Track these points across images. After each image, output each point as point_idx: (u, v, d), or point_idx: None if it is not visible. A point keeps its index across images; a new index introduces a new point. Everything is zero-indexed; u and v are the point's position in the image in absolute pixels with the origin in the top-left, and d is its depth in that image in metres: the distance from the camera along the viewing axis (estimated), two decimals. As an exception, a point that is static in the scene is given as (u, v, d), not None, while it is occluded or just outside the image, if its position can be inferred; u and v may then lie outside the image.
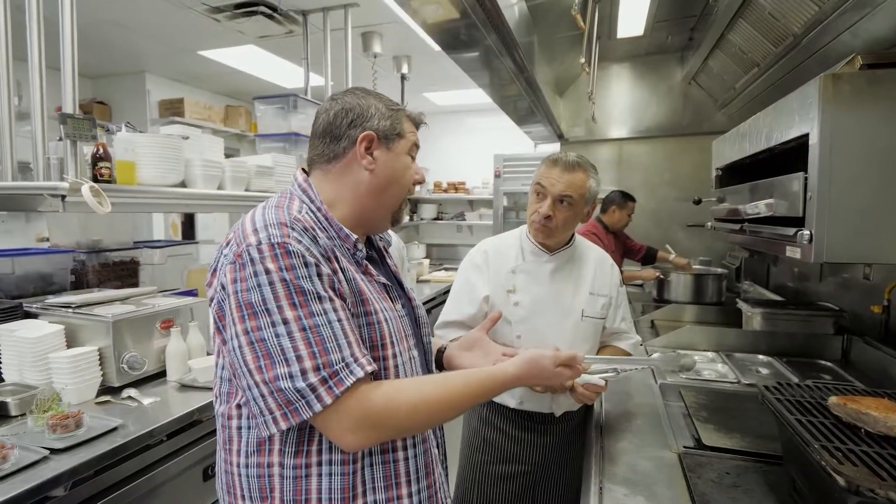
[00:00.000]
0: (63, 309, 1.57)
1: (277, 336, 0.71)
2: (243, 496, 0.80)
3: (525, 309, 1.34)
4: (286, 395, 0.70)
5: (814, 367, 1.79)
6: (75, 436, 1.21)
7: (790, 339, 1.92)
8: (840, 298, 2.07)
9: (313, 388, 0.70)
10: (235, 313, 0.73)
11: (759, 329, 2.03)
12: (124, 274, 2.13)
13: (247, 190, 2.07)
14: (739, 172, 1.83)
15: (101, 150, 1.57)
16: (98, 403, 1.45)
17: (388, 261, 1.01)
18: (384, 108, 0.87)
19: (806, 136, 1.13)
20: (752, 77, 2.38)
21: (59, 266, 1.95)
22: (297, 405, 0.70)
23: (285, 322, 0.71)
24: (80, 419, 1.24)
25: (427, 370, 0.97)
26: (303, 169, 0.91)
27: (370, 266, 0.88)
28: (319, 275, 0.74)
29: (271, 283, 0.72)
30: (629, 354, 1.42)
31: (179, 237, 4.00)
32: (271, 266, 0.72)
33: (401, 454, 0.83)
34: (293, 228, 0.76)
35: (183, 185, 1.83)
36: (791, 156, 1.33)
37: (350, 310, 0.78)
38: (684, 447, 1.19)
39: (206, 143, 1.95)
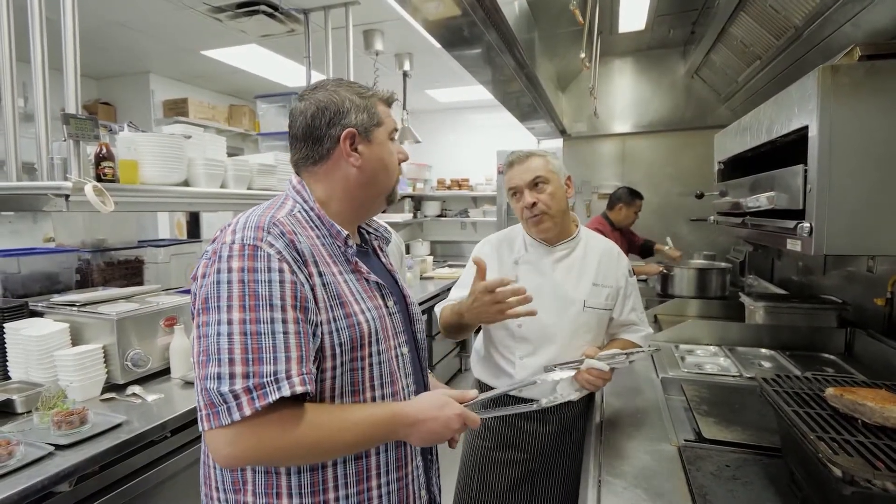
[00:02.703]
0: (68, 307, 1.59)
1: (219, 335, 0.71)
2: (218, 488, 0.82)
3: None
4: (210, 395, 0.70)
5: (817, 360, 1.78)
6: (80, 432, 1.23)
7: (793, 333, 1.91)
8: (844, 291, 2.05)
9: (236, 396, 0.69)
10: (196, 305, 0.76)
11: (762, 323, 2.03)
12: (129, 273, 2.15)
13: (249, 188, 2.08)
14: (742, 166, 1.82)
15: (105, 150, 1.59)
16: (103, 400, 1.47)
17: (384, 259, 1.02)
18: (358, 98, 0.88)
19: (805, 128, 1.12)
20: (755, 70, 2.36)
21: (64, 265, 1.98)
22: (219, 409, 0.70)
23: (230, 322, 0.71)
24: (85, 416, 1.26)
25: (419, 367, 0.98)
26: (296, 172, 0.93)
27: (360, 263, 0.89)
28: (282, 281, 0.74)
29: (229, 282, 0.73)
30: (639, 347, 1.42)
31: (185, 236, 4.03)
32: (234, 265, 0.73)
33: (373, 450, 0.84)
34: (269, 232, 0.77)
35: (186, 184, 1.85)
36: (792, 148, 1.32)
37: (324, 314, 0.79)
38: (685, 440, 1.20)
39: (208, 141, 1.96)
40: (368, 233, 1.01)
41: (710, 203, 2.35)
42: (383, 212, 1.07)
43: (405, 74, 3.59)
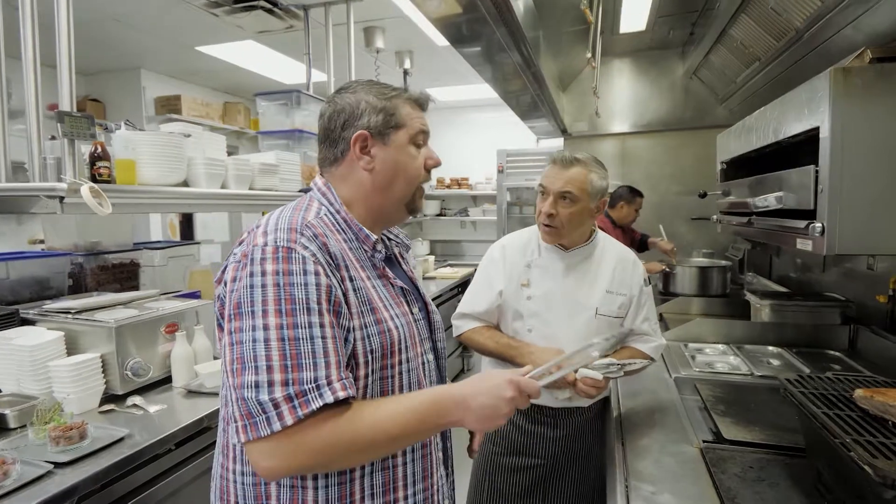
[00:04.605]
0: (62, 315, 1.52)
1: (254, 341, 0.68)
2: (237, 503, 0.78)
3: (537, 303, 1.35)
4: (248, 405, 0.67)
5: (823, 357, 1.79)
6: (80, 448, 1.17)
7: (798, 330, 1.92)
8: (843, 289, 2.08)
9: (276, 405, 0.66)
10: (227, 311, 0.73)
11: (768, 320, 2.03)
12: (124, 277, 2.08)
13: (251, 189, 2.03)
14: (745, 166, 1.82)
15: (100, 150, 1.53)
16: (101, 412, 1.40)
17: (405, 266, 1.00)
18: (375, 99, 0.85)
19: (815, 129, 1.12)
20: (754, 71, 2.37)
21: (55, 270, 1.89)
22: (258, 419, 0.66)
23: (266, 328, 0.68)
24: (85, 430, 1.20)
25: (440, 375, 0.97)
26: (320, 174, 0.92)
27: (388, 269, 0.88)
28: (318, 284, 0.72)
29: (263, 286, 0.70)
30: (651, 359, 1.40)
31: (178, 237, 3.93)
32: (269, 268, 0.71)
33: (399, 459, 0.82)
34: (302, 234, 0.75)
35: (185, 184, 1.79)
36: (796, 149, 1.32)
37: (356, 319, 0.76)
38: (704, 441, 1.19)
39: (208, 140, 1.90)
40: (389, 239, 0.99)
41: (709, 202, 2.37)
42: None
43: (406, 73, 3.54)
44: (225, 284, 0.76)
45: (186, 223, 4.28)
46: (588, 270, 1.37)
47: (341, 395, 0.69)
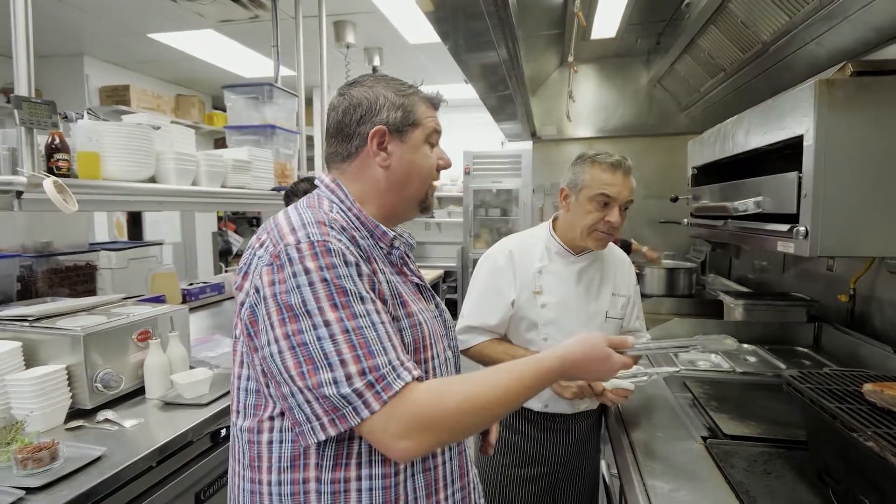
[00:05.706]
0: (18, 323, 1.35)
1: (319, 339, 0.67)
2: None
3: (552, 311, 1.32)
4: (332, 401, 0.66)
5: (793, 353, 1.90)
6: (51, 470, 1.04)
7: (766, 328, 2.03)
8: (801, 288, 2.22)
9: (360, 394, 0.66)
10: (275, 317, 0.69)
11: (740, 319, 2.15)
12: (79, 280, 1.88)
13: (223, 186, 1.90)
14: (714, 171, 1.91)
15: (58, 140, 1.38)
16: (69, 430, 1.25)
17: (412, 265, 0.98)
18: (394, 96, 0.83)
19: (798, 137, 1.17)
20: (718, 81, 2.49)
21: (2, 273, 1.66)
22: (345, 411, 0.66)
23: (327, 324, 0.67)
24: (56, 450, 1.07)
25: (457, 373, 0.96)
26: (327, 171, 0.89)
27: (404, 266, 0.87)
28: (360, 274, 0.71)
29: (311, 284, 0.68)
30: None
31: (125, 237, 3.62)
32: (311, 265, 0.69)
33: (440, 459, 0.82)
34: (332, 227, 0.73)
35: (152, 180, 1.65)
36: (765, 156, 1.39)
37: (390, 312, 0.76)
38: (703, 437, 1.22)
39: (177, 134, 1.76)
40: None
41: (672, 206, 2.47)
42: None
43: (374, 70, 3.47)
44: (257, 291, 0.71)
45: (134, 222, 3.96)
46: (596, 274, 1.38)
47: (416, 373, 0.70)
